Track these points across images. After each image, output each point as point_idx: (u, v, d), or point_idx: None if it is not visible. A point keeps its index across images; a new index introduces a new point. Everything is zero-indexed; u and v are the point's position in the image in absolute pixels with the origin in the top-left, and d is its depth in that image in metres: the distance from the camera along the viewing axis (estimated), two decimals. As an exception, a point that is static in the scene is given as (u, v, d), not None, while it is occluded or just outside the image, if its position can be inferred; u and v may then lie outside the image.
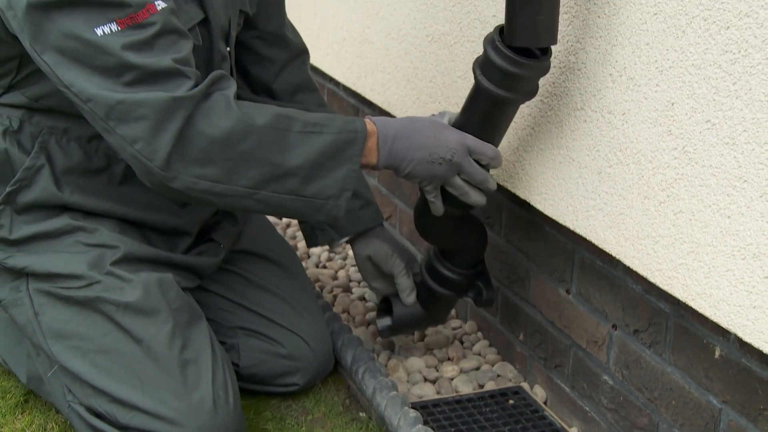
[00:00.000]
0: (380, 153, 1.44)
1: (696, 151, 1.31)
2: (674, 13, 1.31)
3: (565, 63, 1.55)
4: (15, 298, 1.48)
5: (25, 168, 1.44)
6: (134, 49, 1.27)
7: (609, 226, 1.50)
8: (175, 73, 1.29)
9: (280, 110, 1.37)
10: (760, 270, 1.23)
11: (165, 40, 1.30)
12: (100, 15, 1.26)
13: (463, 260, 1.75)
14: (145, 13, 1.27)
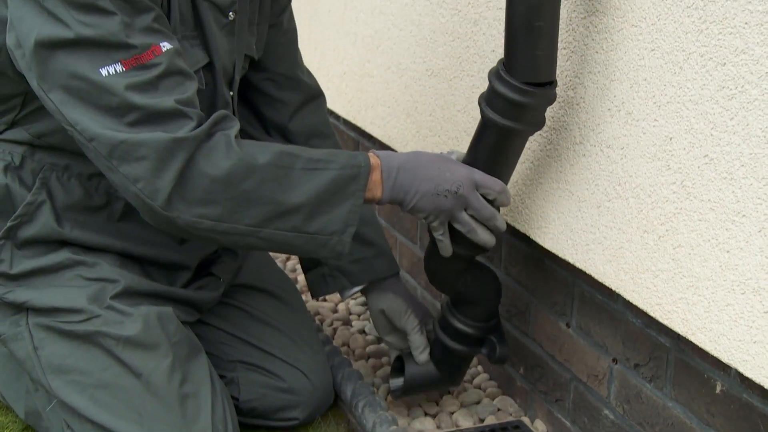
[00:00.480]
0: (384, 186, 1.43)
1: (694, 185, 1.32)
2: (671, 49, 1.33)
3: (564, 97, 1.56)
4: (14, 333, 1.48)
5: (27, 203, 1.45)
6: (138, 90, 1.28)
7: (608, 260, 1.51)
8: (178, 114, 1.30)
9: (283, 148, 1.38)
10: (759, 305, 1.23)
11: (169, 80, 1.30)
12: (105, 56, 1.27)
13: (475, 312, 1.69)
14: (149, 54, 1.28)
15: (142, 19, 1.28)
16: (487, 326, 1.70)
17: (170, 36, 1.33)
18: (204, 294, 1.64)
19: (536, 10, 1.41)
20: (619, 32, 1.42)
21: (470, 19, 1.80)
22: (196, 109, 1.33)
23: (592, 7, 1.47)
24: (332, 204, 1.37)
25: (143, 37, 1.28)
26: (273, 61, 1.75)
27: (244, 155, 1.32)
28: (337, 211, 1.38)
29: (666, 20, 1.33)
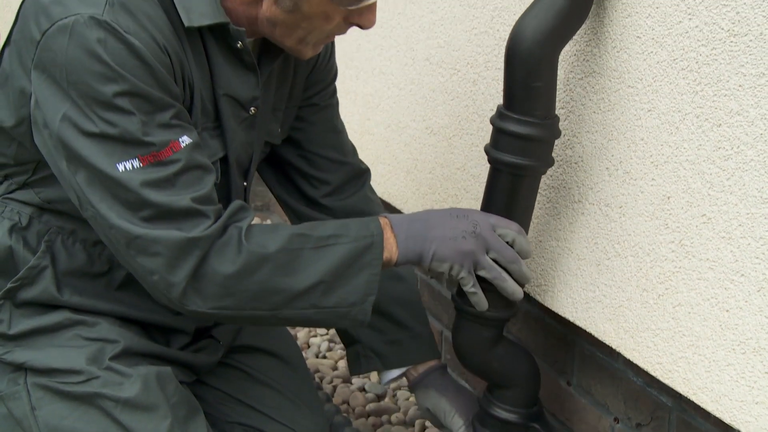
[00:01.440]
0: (398, 239, 1.40)
1: (693, 244, 1.33)
2: (668, 109, 1.34)
3: (563, 156, 1.57)
4: (12, 391, 1.47)
5: (29, 267, 1.45)
6: (154, 187, 1.28)
7: (608, 318, 1.51)
8: (193, 213, 1.31)
9: (293, 230, 1.37)
10: (760, 365, 1.23)
11: (186, 176, 1.31)
12: (123, 151, 1.27)
13: (515, 396, 1.63)
14: (168, 151, 1.29)
15: (162, 116, 1.29)
16: (528, 413, 1.63)
17: (190, 129, 1.34)
18: (203, 357, 1.63)
19: (535, 72, 1.43)
20: (616, 93, 1.44)
21: (469, 78, 1.82)
22: (213, 205, 1.34)
23: (589, 69, 1.49)
24: (348, 277, 1.37)
25: (162, 134, 1.29)
26: (307, 141, 1.69)
27: (255, 247, 1.33)
28: (355, 282, 1.37)
29: (662, 82, 1.35)
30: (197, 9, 1.30)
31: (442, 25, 1.89)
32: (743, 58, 1.21)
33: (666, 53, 1.33)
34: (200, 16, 1.30)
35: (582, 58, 1.50)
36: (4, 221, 1.46)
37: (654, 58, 1.36)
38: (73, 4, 1.25)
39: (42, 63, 1.28)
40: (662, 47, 1.34)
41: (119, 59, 1.24)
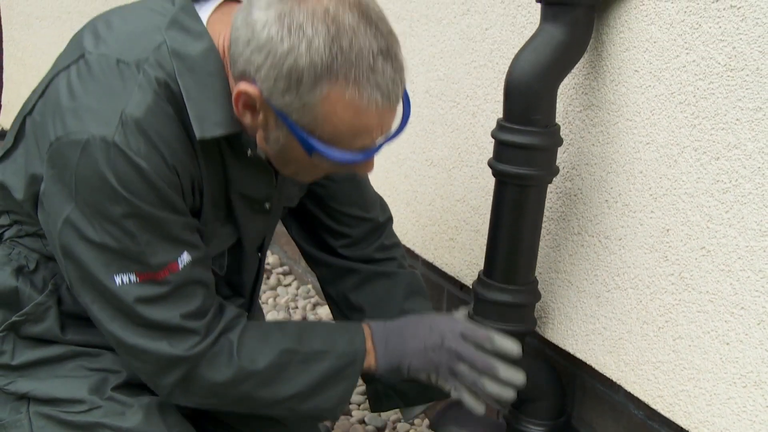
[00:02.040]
0: (377, 355, 1.47)
1: (692, 277, 1.33)
2: (666, 143, 1.35)
3: (562, 189, 1.58)
4: (14, 419, 1.47)
5: (37, 303, 1.45)
6: (146, 303, 1.31)
7: (609, 351, 1.50)
8: (182, 330, 1.34)
9: (284, 343, 1.41)
10: (761, 399, 1.22)
11: (180, 293, 1.33)
12: (121, 264, 1.29)
13: (541, 408, 1.63)
14: (165, 272, 1.31)
15: (165, 235, 1.31)
16: (557, 423, 1.64)
17: (193, 245, 1.35)
18: None
19: (534, 104, 1.44)
20: (615, 126, 1.45)
21: (468, 111, 1.83)
22: (202, 319, 1.36)
23: (587, 102, 1.50)
24: (327, 388, 1.43)
25: (162, 255, 1.30)
26: (329, 197, 1.68)
27: (245, 362, 1.38)
28: (332, 393, 1.44)
29: (660, 115, 1.35)
30: (211, 118, 1.28)
31: (442, 58, 1.90)
32: (740, 93, 1.22)
33: (664, 87, 1.34)
34: (213, 126, 1.28)
35: (581, 91, 1.51)
36: (12, 263, 1.47)
37: (652, 91, 1.37)
38: (88, 121, 1.26)
39: (54, 162, 1.29)
40: (660, 81, 1.35)
41: (127, 182, 1.25)
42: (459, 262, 1.90)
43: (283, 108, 1.22)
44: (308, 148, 1.26)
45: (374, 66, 1.20)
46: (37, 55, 2.99)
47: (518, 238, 1.51)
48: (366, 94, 1.20)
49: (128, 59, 1.28)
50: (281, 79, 1.20)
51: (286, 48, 1.18)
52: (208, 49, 1.29)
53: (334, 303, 1.75)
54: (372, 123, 1.25)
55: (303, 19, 1.18)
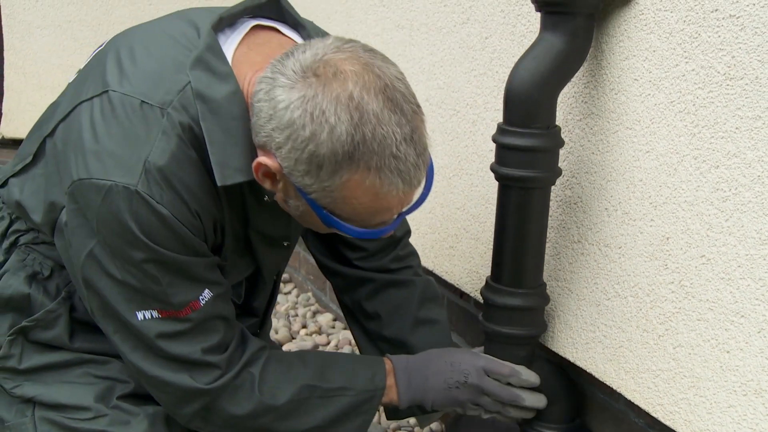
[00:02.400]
0: (399, 391, 1.49)
1: (692, 285, 1.33)
2: (666, 151, 1.35)
3: (562, 197, 1.58)
4: (19, 423, 1.47)
5: (47, 310, 1.45)
6: (168, 338, 1.33)
7: (609, 359, 1.50)
8: (204, 364, 1.36)
9: (305, 380, 1.43)
10: (762, 407, 1.22)
11: (201, 328, 1.35)
12: (143, 302, 1.31)
13: (556, 412, 1.62)
14: (187, 310, 1.33)
15: (186, 275, 1.32)
16: (572, 426, 1.64)
17: (214, 281, 1.36)
18: None
19: (534, 112, 1.44)
20: (615, 134, 1.45)
21: (468, 119, 1.84)
22: (223, 353, 1.37)
23: (587, 110, 1.51)
24: (344, 422, 1.45)
25: (183, 294, 1.32)
26: None
27: (266, 398, 1.40)
28: (349, 426, 1.46)
29: (660, 124, 1.36)
30: (232, 164, 1.28)
31: (442, 67, 1.91)
32: (740, 101, 1.22)
33: (663, 96, 1.35)
34: (234, 172, 1.28)
35: (580, 99, 1.52)
36: (26, 268, 1.47)
37: (652, 100, 1.37)
38: (111, 167, 1.26)
39: (76, 199, 1.29)
40: (660, 90, 1.35)
41: (148, 229, 1.26)
42: (459, 270, 1.91)
43: (303, 186, 1.22)
44: (327, 222, 1.27)
45: (396, 153, 1.19)
46: (37, 63, 3.00)
47: (525, 241, 1.52)
48: (387, 181, 1.20)
49: (152, 101, 1.27)
50: (302, 162, 1.19)
51: (308, 134, 1.17)
52: (232, 93, 1.27)
53: (348, 311, 1.75)
54: (392, 205, 1.25)
55: (326, 105, 1.16)
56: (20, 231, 1.48)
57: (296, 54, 1.21)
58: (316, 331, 2.53)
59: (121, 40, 1.39)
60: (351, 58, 1.19)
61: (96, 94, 1.31)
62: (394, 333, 1.68)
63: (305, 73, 1.18)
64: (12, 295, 1.45)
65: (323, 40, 1.23)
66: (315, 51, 1.21)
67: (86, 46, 2.97)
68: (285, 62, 1.21)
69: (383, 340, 1.70)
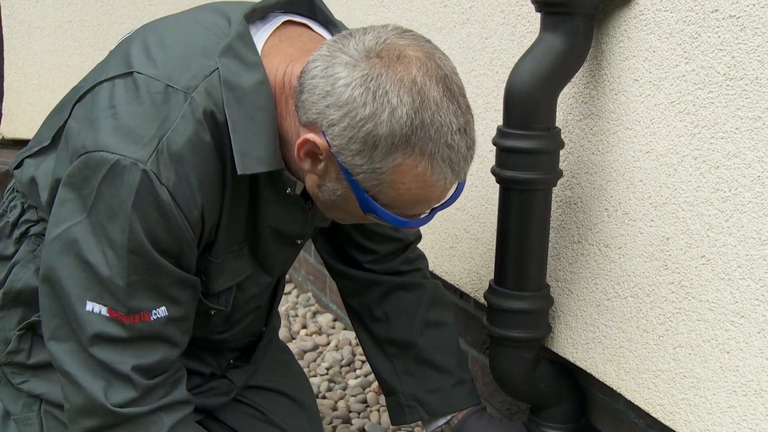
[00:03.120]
0: None
1: (692, 285, 1.33)
2: (666, 151, 1.35)
3: (562, 197, 1.58)
4: (26, 417, 1.47)
5: None
6: (103, 340, 1.27)
7: (609, 359, 1.50)
8: (123, 379, 1.29)
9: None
10: (762, 407, 1.22)
11: (140, 343, 1.29)
12: (99, 294, 1.26)
13: (561, 412, 1.64)
14: (135, 318, 1.27)
15: (153, 283, 1.28)
16: (577, 426, 1.64)
17: (176, 301, 1.31)
18: (214, 399, 1.61)
19: (534, 113, 1.44)
20: (615, 135, 1.45)
21: (468, 119, 1.84)
22: (148, 380, 1.30)
23: (587, 111, 1.51)
24: None
25: (140, 301, 1.27)
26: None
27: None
28: None
29: (660, 124, 1.36)
30: (255, 153, 1.26)
31: (442, 67, 1.91)
32: (740, 102, 1.22)
33: (663, 96, 1.35)
34: (256, 162, 1.26)
35: (580, 100, 1.52)
36: (36, 260, 1.45)
37: (651, 100, 1.37)
38: (124, 142, 1.24)
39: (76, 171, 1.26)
40: (660, 90, 1.35)
41: (143, 213, 1.23)
42: (459, 270, 1.91)
43: (350, 167, 1.21)
44: (365, 207, 1.25)
45: (450, 142, 1.19)
46: (37, 64, 3.00)
47: (527, 243, 1.52)
48: (438, 170, 1.20)
49: (177, 85, 1.26)
50: (356, 141, 1.18)
51: (368, 113, 1.16)
52: (260, 82, 1.26)
53: (354, 314, 1.74)
54: (434, 195, 1.25)
55: (389, 86, 1.16)
56: (31, 221, 1.46)
57: (357, 36, 1.21)
58: (316, 331, 2.53)
59: (149, 29, 1.38)
60: (413, 45, 1.20)
61: (118, 74, 1.30)
62: (403, 335, 1.68)
63: (368, 53, 1.18)
64: (22, 288, 1.44)
65: (383, 26, 1.24)
66: (377, 34, 1.21)
67: (86, 47, 2.97)
68: (346, 42, 1.21)
69: (390, 342, 1.69)
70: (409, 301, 1.69)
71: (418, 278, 1.72)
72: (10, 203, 1.49)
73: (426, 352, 1.66)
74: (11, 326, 1.44)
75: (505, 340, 1.57)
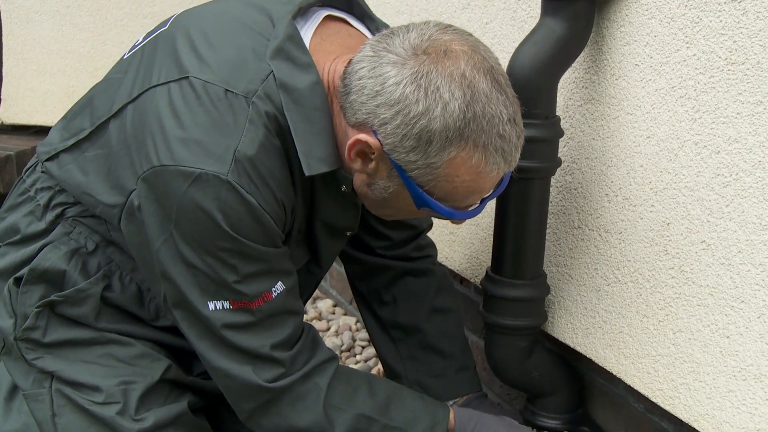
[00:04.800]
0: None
1: (693, 271, 1.33)
2: (666, 137, 1.35)
3: (562, 183, 1.58)
4: (36, 393, 1.48)
5: (77, 289, 1.45)
6: (236, 330, 1.32)
7: (609, 344, 1.51)
8: (268, 359, 1.34)
9: (365, 410, 1.40)
10: (761, 392, 1.23)
11: (270, 322, 1.34)
12: (217, 292, 1.30)
13: (558, 401, 1.64)
14: (259, 302, 1.32)
15: (263, 267, 1.31)
16: (574, 416, 1.64)
17: (287, 273, 1.36)
18: None
19: (535, 98, 1.44)
20: (615, 120, 1.45)
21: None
22: (290, 351, 1.36)
23: (588, 96, 1.50)
24: None
25: (258, 285, 1.31)
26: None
27: (326, 416, 1.37)
28: None
29: (660, 109, 1.36)
30: (316, 154, 1.28)
31: (442, 52, 1.90)
32: (741, 87, 1.22)
33: (664, 81, 1.34)
34: (318, 162, 1.28)
35: (581, 84, 1.51)
36: (70, 242, 1.45)
37: (652, 85, 1.37)
38: (199, 155, 1.25)
39: (152, 185, 1.28)
40: (661, 75, 1.35)
41: (234, 220, 1.25)
42: (459, 256, 1.91)
43: (404, 164, 1.23)
44: (420, 202, 1.27)
45: (502, 133, 1.21)
46: (36, 49, 2.99)
47: (525, 232, 1.52)
48: (492, 161, 1.22)
49: (237, 90, 1.26)
50: (410, 138, 1.20)
51: (421, 109, 1.18)
52: (315, 83, 1.28)
53: (362, 297, 1.75)
54: (487, 186, 1.27)
55: (440, 81, 1.18)
56: (67, 204, 1.46)
57: (401, 34, 1.23)
58: (316, 316, 2.53)
59: (189, 22, 1.37)
60: (458, 40, 1.22)
61: (173, 79, 1.30)
62: (410, 319, 1.69)
63: (415, 51, 1.20)
64: (48, 268, 1.44)
65: (424, 23, 1.25)
66: (420, 31, 1.22)
67: (85, 32, 2.96)
68: (390, 41, 1.22)
69: (396, 326, 1.70)
70: (418, 286, 1.70)
71: (428, 264, 1.73)
72: (34, 185, 1.49)
73: (431, 338, 1.67)
74: (32, 302, 1.45)
75: (500, 328, 1.57)
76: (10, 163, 2.71)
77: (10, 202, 1.54)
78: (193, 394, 1.53)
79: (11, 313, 1.46)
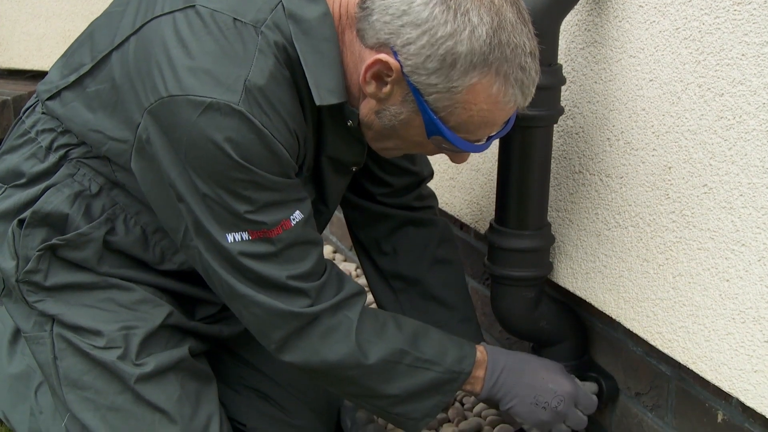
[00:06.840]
0: (485, 384, 1.47)
1: (694, 214, 1.33)
2: (669, 79, 1.34)
3: (564, 127, 1.57)
4: (38, 336, 1.48)
5: (79, 233, 1.44)
6: (257, 259, 1.30)
7: (608, 289, 1.51)
8: (290, 290, 1.32)
9: (398, 344, 1.40)
10: (760, 334, 1.23)
11: (290, 253, 1.32)
12: (234, 224, 1.29)
13: (564, 349, 1.64)
14: (279, 230, 1.30)
15: (278, 196, 1.30)
16: (580, 363, 1.65)
17: (303, 201, 1.34)
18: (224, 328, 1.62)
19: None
20: (618, 63, 1.43)
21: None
22: (313, 282, 1.35)
23: (590, 38, 1.48)
24: (422, 398, 1.42)
25: (275, 214, 1.29)
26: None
27: (358, 349, 1.36)
28: (424, 404, 1.43)
29: (664, 51, 1.34)
30: (326, 85, 1.27)
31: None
32: (747, 27, 1.20)
33: (668, 22, 1.33)
34: (328, 93, 1.27)
35: (583, 27, 1.49)
36: (74, 185, 1.44)
37: (656, 27, 1.35)
38: (209, 84, 1.22)
39: (159, 117, 1.25)
40: (665, 16, 1.33)
41: (247, 151, 1.23)
42: (459, 201, 1.91)
43: (422, 87, 1.22)
44: (432, 129, 1.26)
45: (524, 65, 1.21)
46: (30, -7, 2.95)
47: (528, 182, 1.51)
48: (510, 91, 1.22)
49: (245, 19, 1.25)
50: (434, 59, 1.19)
51: (449, 30, 1.18)
52: (324, 14, 1.26)
53: (361, 246, 1.75)
54: (502, 118, 1.27)
55: (470, 4, 1.18)
56: (70, 145, 1.44)
57: None
58: (315, 263, 2.53)
59: None
60: None
61: (178, 8, 1.28)
62: (411, 270, 1.68)
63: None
64: (51, 211, 1.43)
65: None
66: None
67: (80, -25, 2.91)
68: None
69: (397, 277, 1.70)
70: (419, 237, 1.70)
71: (429, 215, 1.73)
72: (35, 126, 1.47)
73: (433, 288, 1.67)
74: (33, 245, 1.45)
75: (507, 279, 1.57)
76: (7, 107, 2.69)
77: (9, 144, 1.52)
78: (194, 339, 1.54)
79: (14, 254, 1.46)
